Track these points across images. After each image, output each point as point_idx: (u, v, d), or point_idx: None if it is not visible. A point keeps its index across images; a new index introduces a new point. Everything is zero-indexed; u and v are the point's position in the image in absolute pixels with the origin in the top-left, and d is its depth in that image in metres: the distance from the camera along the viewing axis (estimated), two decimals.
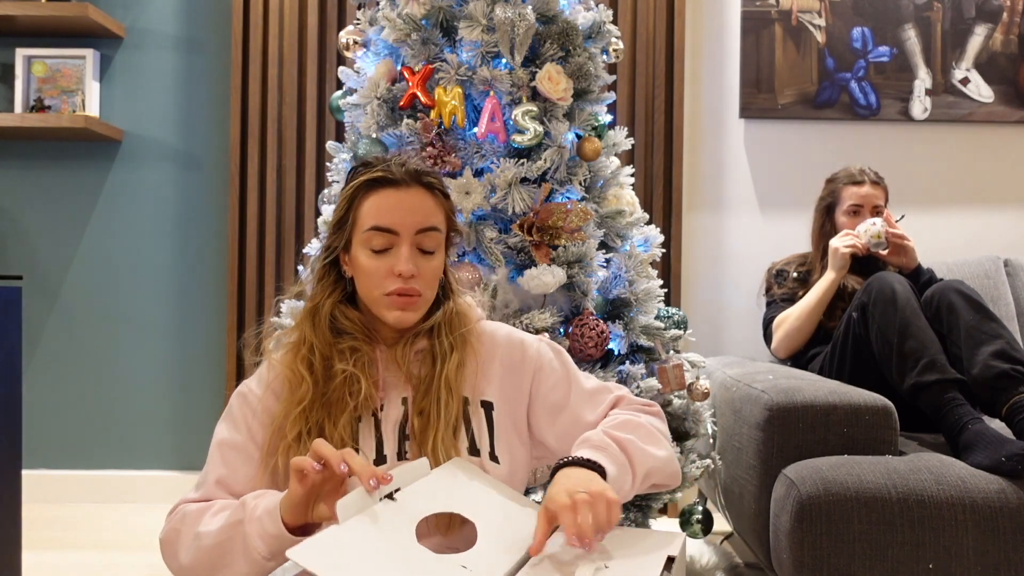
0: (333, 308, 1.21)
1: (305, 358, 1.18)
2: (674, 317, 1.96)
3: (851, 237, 2.28)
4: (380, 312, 1.19)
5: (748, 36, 2.85)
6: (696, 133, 2.89)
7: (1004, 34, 2.85)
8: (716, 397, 2.14)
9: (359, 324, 1.21)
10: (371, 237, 1.17)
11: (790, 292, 2.40)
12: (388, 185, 1.18)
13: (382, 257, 1.17)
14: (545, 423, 1.24)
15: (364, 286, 1.19)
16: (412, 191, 1.19)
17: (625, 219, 1.94)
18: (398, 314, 1.17)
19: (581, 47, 1.90)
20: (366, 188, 1.19)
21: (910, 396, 1.88)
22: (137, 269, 2.90)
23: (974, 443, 1.71)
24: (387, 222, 1.17)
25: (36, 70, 2.84)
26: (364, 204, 1.19)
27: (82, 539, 2.46)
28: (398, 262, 1.16)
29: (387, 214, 1.17)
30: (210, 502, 1.14)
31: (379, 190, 1.18)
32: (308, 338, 1.19)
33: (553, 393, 1.24)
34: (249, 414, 1.19)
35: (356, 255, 1.19)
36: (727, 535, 2.45)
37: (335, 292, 1.23)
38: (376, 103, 1.86)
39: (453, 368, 1.19)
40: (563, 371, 1.26)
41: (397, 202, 1.18)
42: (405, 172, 1.19)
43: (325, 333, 1.20)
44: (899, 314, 1.92)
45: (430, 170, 1.24)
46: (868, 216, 2.37)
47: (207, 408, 2.89)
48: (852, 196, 2.39)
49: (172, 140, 2.91)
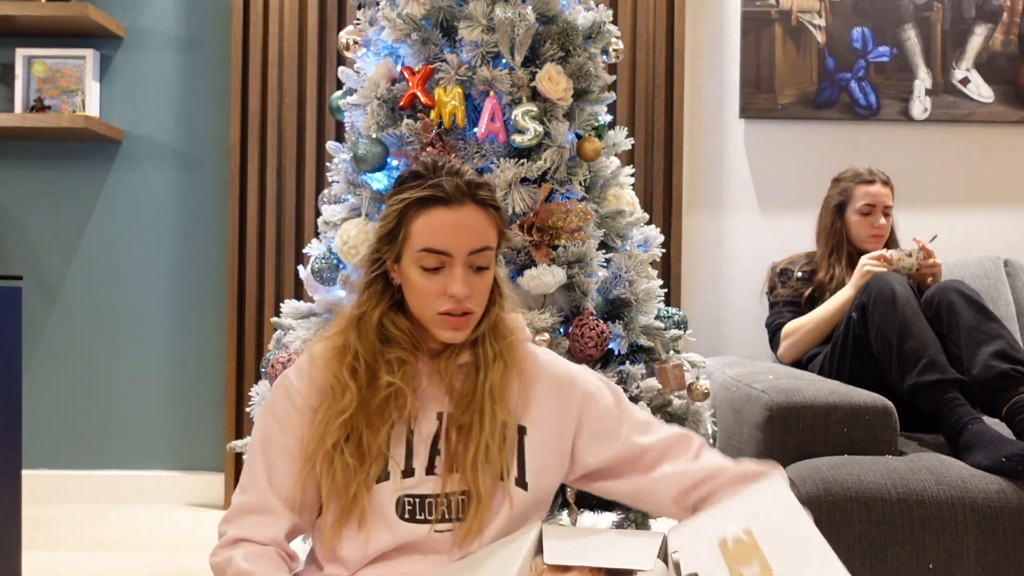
0: (382, 316, 1.19)
1: (350, 365, 1.15)
2: (674, 317, 1.96)
3: (884, 262, 2.20)
4: (433, 329, 1.17)
5: (748, 36, 2.85)
6: (696, 133, 2.89)
7: (1004, 34, 2.85)
8: (716, 397, 2.14)
9: (407, 333, 1.19)
10: (423, 257, 1.14)
11: (794, 294, 2.40)
12: (441, 204, 1.14)
13: (435, 276, 1.14)
14: (593, 450, 1.22)
15: (416, 303, 1.17)
16: (465, 210, 1.15)
17: (625, 219, 1.94)
18: (451, 334, 1.16)
19: (581, 47, 1.90)
20: (419, 204, 1.15)
21: (910, 396, 1.87)
22: (137, 269, 2.90)
23: (974, 443, 1.71)
24: (440, 244, 1.13)
25: (36, 70, 2.84)
26: (416, 221, 1.15)
27: (82, 539, 2.46)
28: (451, 283, 1.13)
29: (440, 236, 1.13)
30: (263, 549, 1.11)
31: (432, 208, 1.14)
32: (353, 345, 1.17)
33: (603, 421, 1.22)
34: (292, 411, 1.16)
35: (407, 270, 1.16)
36: None
37: (383, 300, 1.20)
38: (376, 103, 1.86)
39: (497, 378, 1.17)
40: (614, 399, 1.24)
41: (451, 223, 1.14)
42: (458, 190, 1.15)
43: (372, 341, 1.17)
44: (899, 314, 1.92)
45: (482, 182, 1.19)
46: (880, 216, 2.37)
47: (207, 408, 2.89)
48: (864, 195, 2.39)
49: (172, 140, 2.90)
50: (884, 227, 2.38)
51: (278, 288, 2.80)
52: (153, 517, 2.70)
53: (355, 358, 1.16)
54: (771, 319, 2.44)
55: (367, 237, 1.82)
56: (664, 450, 1.21)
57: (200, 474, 2.87)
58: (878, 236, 2.39)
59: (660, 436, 1.22)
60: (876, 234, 2.39)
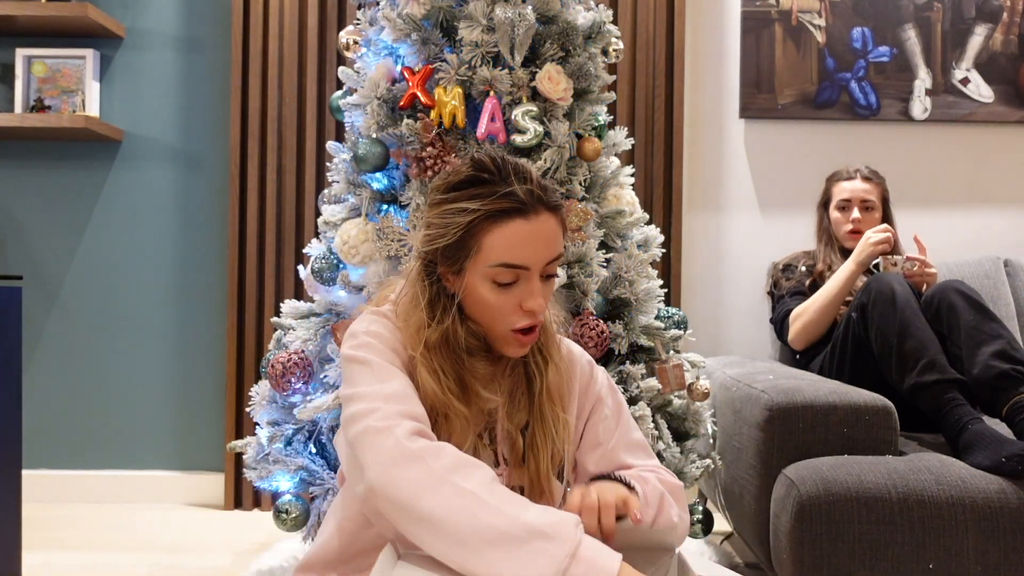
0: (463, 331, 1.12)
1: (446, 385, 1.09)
2: (674, 317, 1.96)
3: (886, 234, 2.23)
4: (500, 345, 1.12)
5: (748, 36, 2.85)
6: (696, 133, 2.89)
7: (1004, 34, 2.85)
8: (716, 397, 2.14)
9: (483, 342, 1.13)
10: (499, 272, 1.07)
11: (799, 285, 2.41)
12: (517, 215, 1.06)
13: (508, 291, 1.09)
14: (585, 449, 1.22)
15: (487, 318, 1.11)
16: (541, 219, 1.08)
17: (625, 219, 1.94)
18: (521, 349, 1.12)
19: (581, 47, 1.90)
20: (491, 217, 1.07)
21: (910, 396, 1.87)
22: (137, 269, 2.90)
23: (974, 443, 1.71)
24: (520, 259, 1.07)
25: (36, 70, 2.84)
26: (489, 235, 1.07)
27: (82, 539, 2.46)
28: (528, 298, 1.08)
29: (519, 250, 1.07)
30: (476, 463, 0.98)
31: (507, 221, 1.06)
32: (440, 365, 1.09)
33: (602, 425, 1.21)
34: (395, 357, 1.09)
35: (475, 285, 1.09)
36: (727, 535, 2.45)
37: (456, 315, 1.12)
38: (376, 103, 1.86)
39: (552, 379, 1.15)
40: (615, 408, 1.23)
41: (529, 235, 1.07)
42: (532, 196, 1.07)
43: (459, 358, 1.11)
44: (899, 314, 1.93)
45: (549, 185, 1.12)
46: (855, 210, 2.41)
47: (207, 408, 2.89)
48: (841, 191, 2.47)
49: (172, 140, 2.91)
50: (861, 222, 2.40)
51: (278, 288, 2.80)
52: (153, 517, 2.70)
53: (446, 377, 1.09)
54: (777, 310, 2.45)
55: (367, 237, 1.82)
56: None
57: (200, 474, 2.87)
58: (855, 232, 2.40)
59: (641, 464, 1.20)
60: (852, 229, 2.41)
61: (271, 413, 1.92)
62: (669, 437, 1.86)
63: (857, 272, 2.25)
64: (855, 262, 2.25)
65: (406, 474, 0.94)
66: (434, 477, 0.93)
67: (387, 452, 0.96)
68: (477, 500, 0.92)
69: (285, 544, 2.22)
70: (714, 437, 2.05)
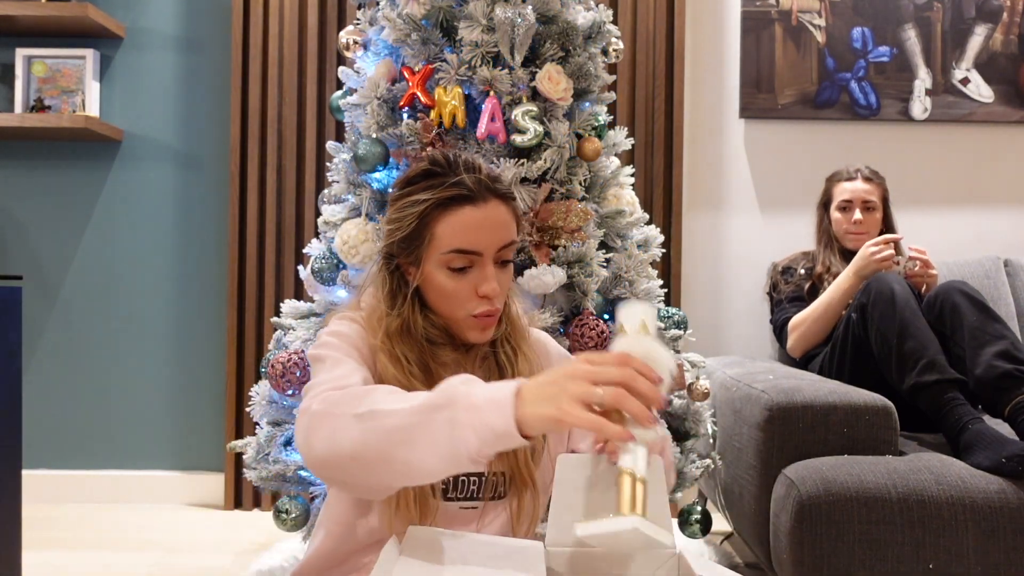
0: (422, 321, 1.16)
1: (409, 370, 1.12)
2: (674, 317, 1.96)
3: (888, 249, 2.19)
4: (460, 331, 1.15)
5: (748, 36, 2.85)
6: (696, 133, 2.89)
7: (1004, 34, 2.85)
8: (716, 397, 2.14)
9: (445, 332, 1.17)
10: (452, 259, 1.12)
11: (797, 289, 2.41)
12: (466, 202, 1.11)
13: (463, 277, 1.12)
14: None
15: (444, 305, 1.15)
16: (491, 206, 1.12)
17: (625, 219, 1.94)
18: (481, 334, 1.14)
19: (581, 47, 1.90)
20: (441, 205, 1.11)
21: (910, 396, 1.87)
22: (137, 269, 2.90)
23: (974, 443, 1.71)
24: (470, 244, 1.11)
25: (36, 70, 2.84)
26: (440, 223, 1.11)
27: (82, 539, 2.46)
28: (482, 283, 1.12)
29: (469, 235, 1.11)
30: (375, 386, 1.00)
31: (457, 208, 1.11)
32: (403, 354, 1.13)
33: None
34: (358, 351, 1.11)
35: (431, 273, 1.13)
36: (727, 535, 2.45)
37: (415, 304, 1.16)
38: (376, 103, 1.86)
39: (524, 373, 1.16)
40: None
41: (479, 221, 1.11)
42: (481, 185, 1.12)
43: (423, 347, 1.15)
44: (898, 314, 1.92)
45: (498, 175, 1.17)
46: (857, 211, 2.40)
47: (207, 408, 2.89)
48: (842, 192, 2.46)
49: (172, 140, 2.91)
50: (863, 222, 2.40)
51: (278, 288, 2.80)
52: (153, 517, 2.70)
53: (409, 363, 1.13)
54: (776, 316, 2.45)
55: (367, 237, 1.82)
56: None
57: (200, 474, 2.87)
58: (857, 232, 2.40)
59: None
60: (854, 231, 2.40)
61: (271, 413, 1.92)
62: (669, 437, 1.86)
63: (856, 285, 2.22)
64: (855, 275, 2.21)
65: (319, 435, 0.95)
66: (340, 422, 0.93)
67: (304, 427, 0.98)
68: (377, 416, 0.91)
69: (285, 544, 2.22)
70: (714, 437, 2.05)
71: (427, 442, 0.87)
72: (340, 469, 0.95)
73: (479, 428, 0.84)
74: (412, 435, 0.88)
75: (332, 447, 0.93)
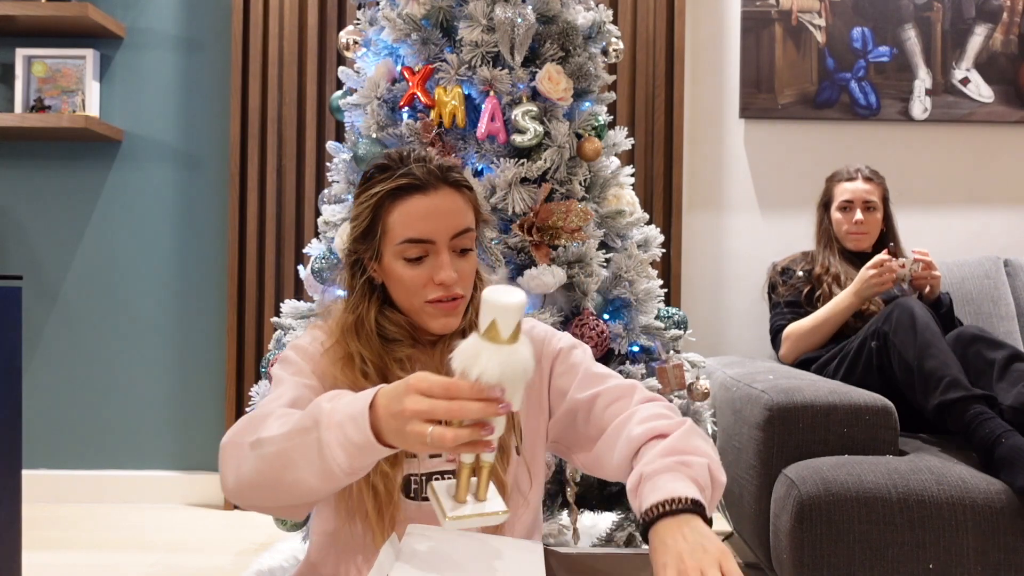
0: (377, 317, 1.17)
1: (360, 369, 1.13)
2: (674, 317, 1.96)
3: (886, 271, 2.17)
4: (423, 321, 1.15)
5: (748, 36, 2.85)
6: (696, 133, 2.89)
7: (1004, 34, 2.85)
8: (716, 397, 2.14)
9: (405, 328, 1.17)
10: (405, 249, 1.12)
11: (795, 294, 2.40)
12: (415, 191, 1.12)
13: (419, 266, 1.13)
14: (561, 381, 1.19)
15: (403, 296, 1.15)
16: (441, 194, 1.13)
17: (625, 219, 1.94)
18: (443, 321, 1.14)
19: (581, 47, 1.90)
20: (392, 195, 1.13)
21: (937, 417, 1.82)
22: (137, 269, 2.90)
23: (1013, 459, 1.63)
24: (422, 232, 1.11)
25: (36, 70, 2.84)
26: (392, 214, 1.13)
27: (82, 539, 2.46)
28: (438, 270, 1.12)
29: (420, 223, 1.11)
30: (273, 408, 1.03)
31: (406, 198, 1.12)
32: (357, 351, 1.14)
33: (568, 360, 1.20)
34: (310, 362, 1.14)
35: (390, 265, 1.14)
36: (727, 535, 2.45)
37: (374, 300, 1.18)
38: (376, 103, 1.86)
39: None
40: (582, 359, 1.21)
41: (428, 209, 1.12)
42: (430, 174, 1.13)
43: (375, 343, 1.15)
44: (919, 337, 1.88)
45: (452, 164, 1.17)
46: (858, 211, 2.40)
47: (207, 408, 2.89)
48: (843, 192, 2.45)
49: (172, 140, 2.91)
50: (864, 223, 2.40)
51: (278, 288, 2.80)
52: (153, 517, 2.70)
53: (363, 362, 1.13)
54: (773, 320, 2.45)
55: None
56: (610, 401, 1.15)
57: (200, 474, 2.87)
58: (858, 233, 2.40)
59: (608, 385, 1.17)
60: (854, 231, 2.40)
61: None
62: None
63: (856, 304, 2.21)
64: (855, 295, 2.21)
65: (227, 467, 1.00)
66: (240, 453, 0.98)
67: (220, 460, 1.02)
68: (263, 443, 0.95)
69: (285, 544, 2.22)
70: (714, 437, 2.05)
71: (304, 463, 0.91)
72: (249, 496, 0.99)
73: (344, 444, 0.88)
74: (291, 458, 0.92)
75: (238, 477, 0.98)
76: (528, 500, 1.19)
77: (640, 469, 1.00)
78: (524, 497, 1.17)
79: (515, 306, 0.85)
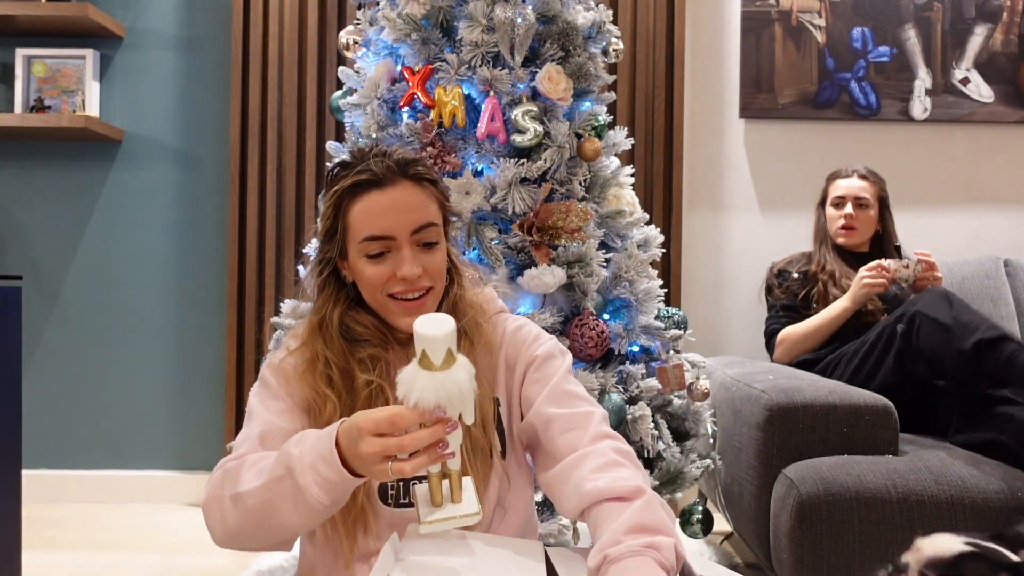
0: (343, 317, 1.16)
1: (323, 374, 1.12)
2: (674, 317, 1.96)
3: (882, 271, 2.18)
4: (391, 317, 1.14)
5: (748, 36, 2.85)
6: (696, 133, 2.89)
7: (1004, 34, 2.85)
8: (716, 397, 2.14)
9: (373, 328, 1.16)
10: (367, 246, 1.11)
11: (791, 297, 2.41)
12: (373, 187, 1.10)
13: (382, 261, 1.11)
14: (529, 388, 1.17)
15: (369, 293, 1.14)
16: (399, 188, 1.11)
17: (625, 219, 1.94)
18: (409, 319, 1.11)
19: (581, 47, 1.90)
20: (351, 193, 1.11)
21: (974, 356, 1.79)
22: (137, 269, 2.90)
23: None
24: (381, 229, 1.10)
25: (36, 70, 2.84)
26: (352, 211, 1.11)
27: (82, 539, 2.46)
28: (400, 266, 1.10)
29: (379, 220, 1.10)
30: (245, 457, 1.06)
31: (365, 194, 1.11)
32: (322, 353, 1.13)
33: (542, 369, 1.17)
34: (283, 380, 1.14)
35: (355, 262, 1.13)
36: (727, 535, 2.45)
37: (340, 300, 1.17)
38: (376, 103, 1.86)
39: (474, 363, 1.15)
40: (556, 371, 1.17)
41: (387, 204, 1.10)
42: (389, 170, 1.11)
43: (339, 344, 1.14)
44: (954, 303, 1.88)
45: (414, 157, 1.15)
46: (849, 207, 2.40)
47: (207, 408, 2.89)
48: (836, 189, 2.47)
49: (172, 140, 2.91)
50: (853, 218, 2.40)
51: (278, 288, 2.80)
52: (153, 517, 2.70)
53: (327, 365, 1.12)
54: (767, 324, 2.46)
55: None
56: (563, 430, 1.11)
57: (200, 474, 2.87)
58: (848, 228, 2.40)
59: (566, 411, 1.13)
60: (844, 225, 2.41)
61: None
62: (669, 437, 1.86)
63: (851, 310, 2.23)
64: (851, 300, 2.23)
65: (213, 520, 1.05)
66: (224, 506, 1.03)
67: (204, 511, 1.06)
68: (243, 497, 1.00)
69: None
70: (714, 437, 2.05)
71: (287, 509, 0.97)
72: (240, 543, 1.05)
73: (321, 483, 0.94)
74: (274, 506, 0.97)
75: (225, 529, 1.03)
76: (507, 507, 1.16)
77: (604, 550, 0.95)
78: (501, 504, 1.15)
79: (441, 336, 0.90)
